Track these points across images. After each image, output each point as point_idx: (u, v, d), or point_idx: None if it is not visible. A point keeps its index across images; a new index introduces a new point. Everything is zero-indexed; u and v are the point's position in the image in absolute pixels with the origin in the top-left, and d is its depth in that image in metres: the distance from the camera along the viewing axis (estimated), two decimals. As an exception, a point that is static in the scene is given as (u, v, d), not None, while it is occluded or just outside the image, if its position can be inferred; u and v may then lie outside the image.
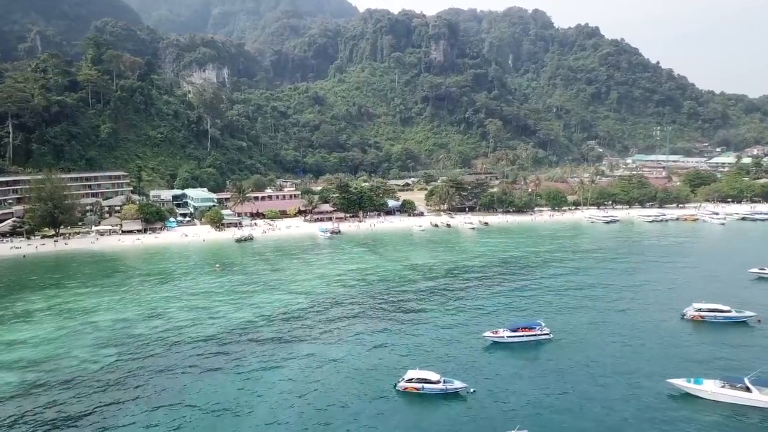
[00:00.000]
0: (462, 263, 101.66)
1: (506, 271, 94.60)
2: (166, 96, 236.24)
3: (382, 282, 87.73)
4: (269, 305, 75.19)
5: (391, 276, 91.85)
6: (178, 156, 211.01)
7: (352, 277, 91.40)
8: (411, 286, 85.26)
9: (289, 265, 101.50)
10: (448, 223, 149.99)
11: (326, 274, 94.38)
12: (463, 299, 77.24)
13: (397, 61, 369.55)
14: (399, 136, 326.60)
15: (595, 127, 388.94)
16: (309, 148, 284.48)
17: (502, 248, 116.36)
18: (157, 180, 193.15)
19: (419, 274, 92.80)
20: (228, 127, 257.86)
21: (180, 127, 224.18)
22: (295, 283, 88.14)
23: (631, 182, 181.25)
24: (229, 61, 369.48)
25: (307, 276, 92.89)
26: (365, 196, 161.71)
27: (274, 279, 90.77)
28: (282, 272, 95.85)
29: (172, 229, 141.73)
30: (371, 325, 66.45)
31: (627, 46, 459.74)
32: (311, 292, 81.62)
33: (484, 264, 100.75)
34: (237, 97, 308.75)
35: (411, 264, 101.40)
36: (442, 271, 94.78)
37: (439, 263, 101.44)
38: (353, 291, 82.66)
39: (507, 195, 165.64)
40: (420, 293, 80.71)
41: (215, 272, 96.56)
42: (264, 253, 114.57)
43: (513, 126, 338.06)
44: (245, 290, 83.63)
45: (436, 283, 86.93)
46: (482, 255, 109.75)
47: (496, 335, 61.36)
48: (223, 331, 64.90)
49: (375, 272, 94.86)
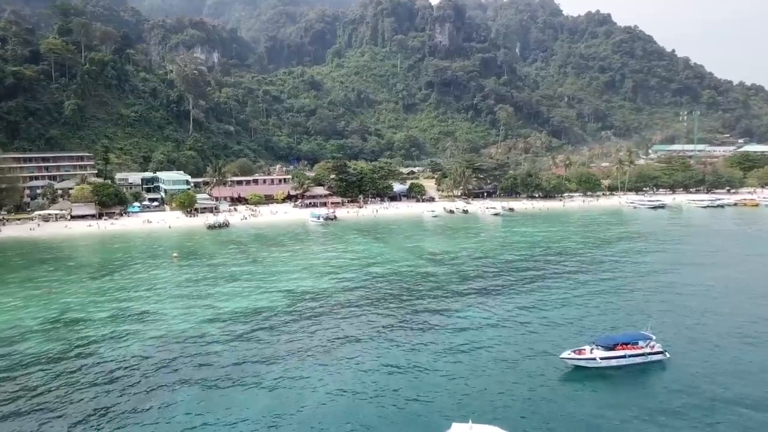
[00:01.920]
0: (494, 253, 77.93)
1: (559, 264, 70.72)
2: (144, 73, 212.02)
3: (391, 276, 63.99)
4: (231, 307, 51.62)
5: (403, 268, 68.23)
6: (154, 138, 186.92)
7: (350, 269, 67.76)
8: (432, 281, 61.57)
9: (268, 256, 77.85)
10: (464, 209, 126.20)
11: (315, 265, 70.73)
12: (510, 299, 53.50)
13: (400, 44, 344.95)
14: (402, 123, 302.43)
15: (610, 116, 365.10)
16: (304, 134, 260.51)
17: (543, 237, 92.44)
18: (129, 163, 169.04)
19: (441, 266, 69.16)
20: (214, 110, 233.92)
21: (158, 106, 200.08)
22: (272, 277, 64.53)
23: (672, 165, 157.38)
24: (220, 45, 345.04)
25: (289, 268, 69.29)
26: (366, 178, 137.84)
27: (246, 272, 67.17)
28: (258, 264, 72.22)
29: (135, 215, 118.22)
30: (380, 340, 42.78)
31: (641, 33, 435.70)
32: (293, 290, 57.95)
33: (526, 254, 76.83)
34: (227, 80, 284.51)
35: (428, 253, 77.80)
36: (470, 263, 71.09)
37: (463, 252, 77.82)
38: (351, 287, 58.96)
39: (532, 177, 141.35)
40: (446, 291, 56.98)
41: (172, 263, 73.18)
42: (240, 242, 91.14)
43: (524, 113, 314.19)
44: (203, 287, 59.96)
45: (465, 277, 63.22)
46: (518, 244, 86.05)
47: (581, 356, 37.91)
48: (150, 347, 41.32)
49: (381, 263, 71.23)
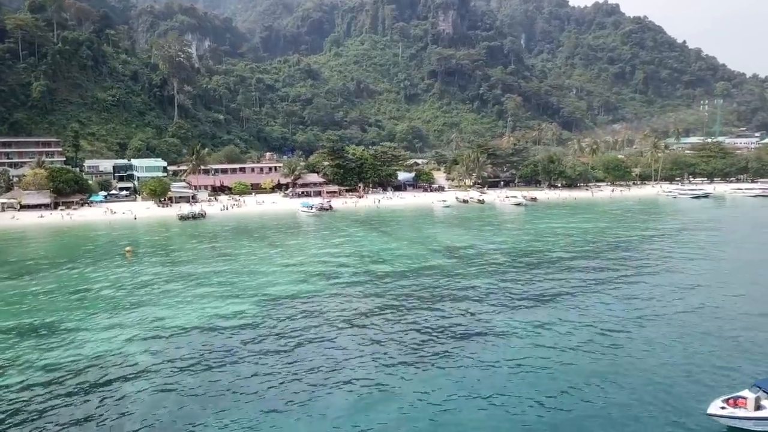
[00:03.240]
0: (532, 248, 61.48)
1: (626, 261, 54.29)
2: (125, 55, 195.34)
3: (402, 277, 47.53)
4: (178, 322, 35.25)
5: (414, 265, 51.82)
6: (133, 124, 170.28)
7: (346, 268, 51.39)
8: (458, 283, 45.04)
9: (244, 251, 61.47)
10: (480, 199, 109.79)
11: (302, 263, 54.39)
12: (583, 311, 36.94)
13: (401, 32, 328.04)
14: (404, 114, 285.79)
15: (621, 109, 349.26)
16: (299, 125, 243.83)
17: (583, 229, 76.06)
18: (103, 150, 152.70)
19: (464, 263, 52.76)
20: (203, 97, 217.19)
21: (139, 90, 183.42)
22: (245, 278, 48.10)
23: (710, 151, 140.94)
24: (212, 33, 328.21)
25: (269, 267, 52.92)
26: (367, 164, 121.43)
27: (213, 272, 50.78)
28: (230, 261, 55.81)
29: (99, 205, 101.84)
30: (394, 381, 26.25)
31: (651, 24, 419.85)
32: (270, 296, 41.54)
33: (573, 249, 60.57)
34: (218, 68, 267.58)
35: (445, 247, 61.40)
36: (504, 260, 54.71)
37: (490, 246, 61.46)
38: (349, 293, 42.47)
39: (555, 164, 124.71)
40: (484, 297, 40.50)
41: (126, 260, 56.92)
42: (214, 235, 74.89)
43: (533, 104, 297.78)
44: (150, 292, 43.50)
45: (503, 278, 46.71)
46: (555, 237, 69.69)
47: (740, 408, 21.75)
48: (43, 381, 24.90)
49: (387, 260, 54.84)
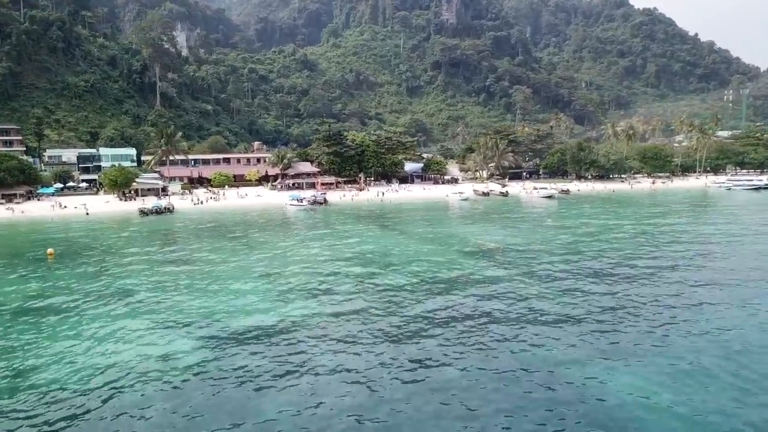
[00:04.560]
0: (590, 248, 44.58)
1: (732, 270, 37.65)
2: (103, 39, 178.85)
3: (422, 290, 30.46)
4: (76, 370, 18.37)
5: (441, 273, 34.73)
6: (109, 112, 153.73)
7: (344, 277, 34.48)
8: (507, 300, 28.03)
9: (209, 256, 44.80)
10: (503, 191, 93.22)
11: (284, 271, 37.53)
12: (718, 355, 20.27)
13: (403, 22, 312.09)
14: (406, 107, 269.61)
15: (633, 103, 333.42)
16: (294, 117, 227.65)
17: (641, 227, 59.62)
18: (72, 140, 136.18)
19: (509, 268, 35.70)
20: (189, 86, 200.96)
21: (117, 77, 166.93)
22: (200, 294, 31.20)
23: (756, 139, 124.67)
24: (203, 23, 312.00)
25: (239, 277, 35.91)
26: (369, 152, 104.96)
27: (159, 285, 33.99)
28: (186, 270, 38.91)
29: (46, 198, 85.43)
30: None
31: (661, 16, 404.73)
32: (231, 326, 24.54)
33: (657, 254, 43.91)
34: (208, 58, 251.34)
35: (475, 247, 44.40)
36: (559, 264, 37.79)
37: (538, 247, 44.60)
38: (347, 326, 25.60)
39: (586, 152, 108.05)
40: (549, 323, 23.64)
41: (48, 264, 40.33)
42: (177, 235, 58.43)
43: (542, 97, 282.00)
44: (56, 316, 26.71)
45: (569, 293, 29.69)
46: (616, 233, 53.15)
47: None
48: None
49: (398, 264, 37.87)
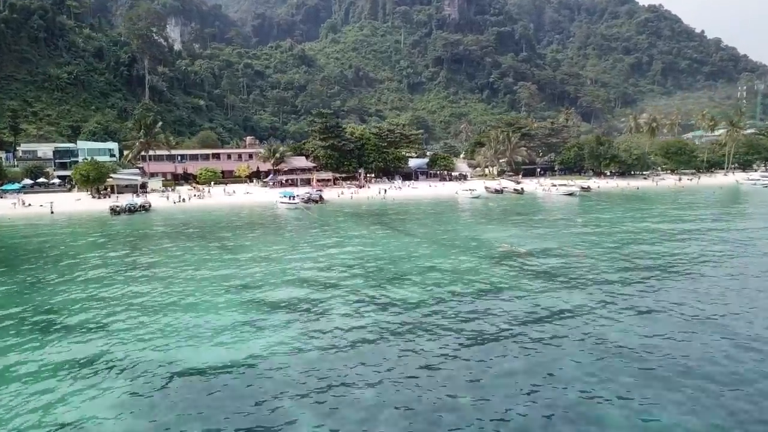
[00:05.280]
0: (638, 252, 35.72)
1: None
2: (89, 30, 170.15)
3: (443, 312, 21.79)
4: None
5: (465, 286, 25.96)
6: (93, 106, 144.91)
7: (341, 290, 25.71)
8: (557, 323, 19.42)
9: (184, 261, 35.93)
10: (517, 188, 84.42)
11: (266, 283, 28.71)
12: None
13: (403, 17, 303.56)
14: (407, 104, 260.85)
15: (639, 101, 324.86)
16: (291, 114, 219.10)
17: (685, 227, 50.89)
18: (53, 135, 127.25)
19: (548, 278, 26.98)
20: (182, 81, 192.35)
21: (103, 69, 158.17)
22: (158, 317, 22.38)
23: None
24: (198, 18, 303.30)
25: (210, 292, 27.05)
26: (369, 145, 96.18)
27: (106, 299, 25.15)
28: (150, 279, 30.07)
29: (10, 196, 76.56)
30: None
31: (667, 13, 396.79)
32: (192, 364, 15.87)
33: (722, 258, 35.12)
34: (202, 53, 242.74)
35: (500, 252, 35.58)
36: (608, 272, 29.02)
37: (565, 251, 35.77)
38: (345, 369, 16.82)
39: (605, 147, 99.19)
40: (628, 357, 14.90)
41: None
42: (147, 237, 49.55)
43: (547, 93, 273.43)
44: None
45: (636, 319, 21.09)
46: (661, 236, 44.36)
47: None
48: None
49: (408, 273, 28.91)
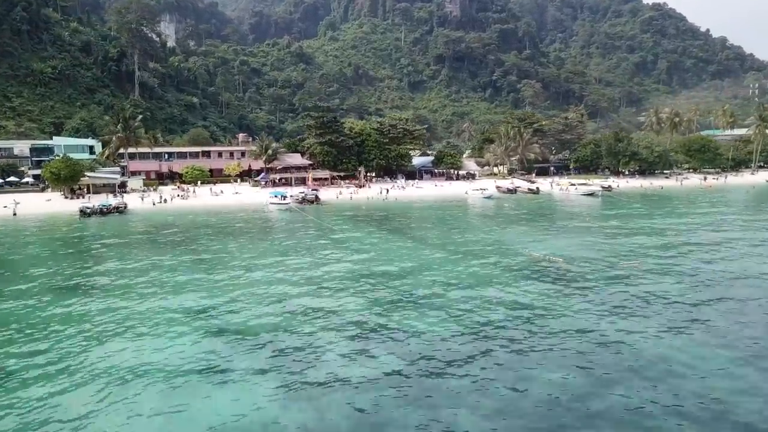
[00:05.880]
0: (715, 257, 28.65)
1: None
2: (77, 24, 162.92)
3: (472, 335, 14.71)
4: None
5: (500, 306, 18.86)
6: (78, 102, 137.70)
7: (341, 317, 18.49)
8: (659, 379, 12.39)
9: (147, 275, 28.68)
10: (531, 188, 77.11)
11: (241, 308, 21.43)
12: None
13: (404, 14, 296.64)
14: (407, 103, 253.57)
15: (645, 100, 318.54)
16: (289, 112, 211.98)
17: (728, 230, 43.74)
18: (34, 132, 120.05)
19: (616, 302, 19.87)
20: (174, 78, 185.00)
21: (90, 64, 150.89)
22: (87, 358, 15.28)
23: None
24: (194, 15, 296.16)
25: (167, 319, 19.89)
26: (370, 141, 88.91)
27: (30, 333, 17.93)
28: (98, 300, 22.83)
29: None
30: None
31: (672, 11, 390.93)
32: None
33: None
34: (196, 49, 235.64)
35: (535, 261, 28.41)
36: (672, 283, 21.89)
37: (632, 257, 28.55)
38: None
39: (624, 143, 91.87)
40: None
41: None
42: (118, 242, 42.40)
43: (551, 92, 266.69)
44: None
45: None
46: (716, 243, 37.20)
47: None
48: None
49: (423, 289, 21.74)
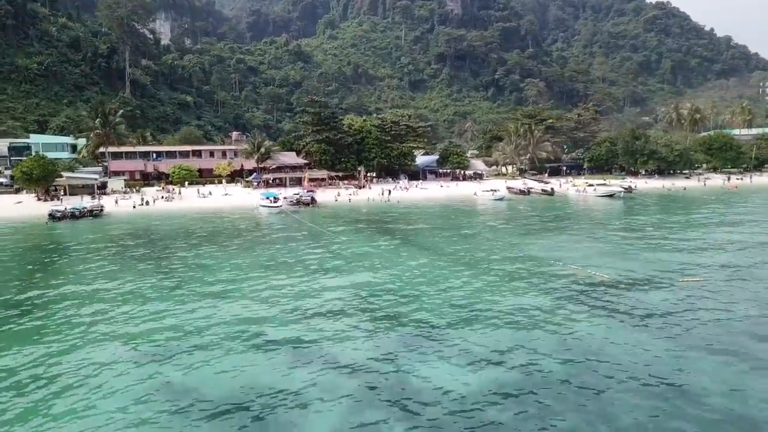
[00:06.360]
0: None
1: None
2: (65, 19, 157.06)
3: (526, 391, 8.89)
4: None
5: (548, 347, 13.07)
6: (65, 99, 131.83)
7: (334, 366, 12.62)
8: None
9: (99, 298, 22.79)
10: (545, 189, 71.22)
11: (206, 350, 15.54)
12: None
13: (404, 12, 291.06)
14: (408, 103, 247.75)
15: (650, 100, 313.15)
16: (286, 112, 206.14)
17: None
18: (17, 131, 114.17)
19: (697, 337, 14.05)
20: (168, 75, 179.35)
21: (79, 60, 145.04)
22: None
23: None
24: (190, 13, 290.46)
25: (123, 347, 14.10)
26: (370, 139, 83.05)
27: None
28: (41, 323, 16.95)
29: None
30: None
31: (675, 10, 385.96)
32: None
33: None
34: (192, 47, 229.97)
35: (574, 278, 22.58)
36: None
37: (691, 270, 22.72)
38: None
39: (642, 141, 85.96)
40: None
41: None
42: (84, 251, 36.47)
43: (555, 92, 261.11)
44: None
45: None
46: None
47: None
48: None
49: (443, 318, 15.95)
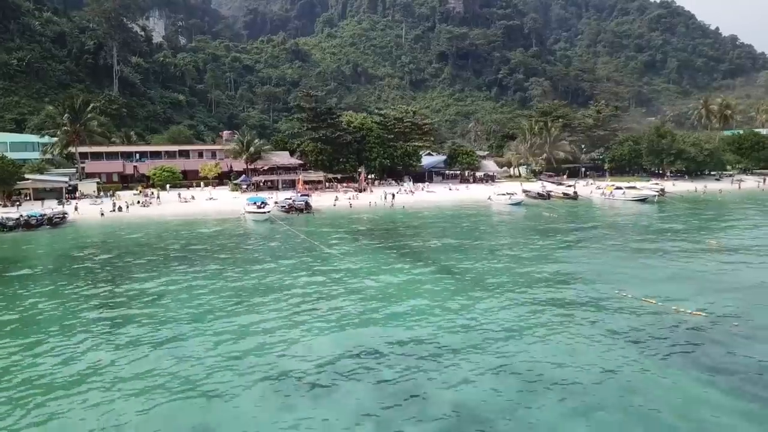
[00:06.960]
0: None
1: None
2: (49, 13, 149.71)
3: None
4: None
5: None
6: (47, 97, 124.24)
7: None
8: None
9: (21, 342, 15.11)
10: (568, 192, 63.76)
11: None
12: None
13: (404, 10, 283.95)
14: (409, 103, 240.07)
15: (656, 100, 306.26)
16: (283, 111, 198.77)
17: None
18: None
19: None
20: (159, 73, 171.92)
21: (63, 56, 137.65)
22: None
23: None
24: (186, 12, 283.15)
25: None
26: (372, 138, 75.55)
27: None
28: None
29: None
30: None
31: (680, 9, 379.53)
32: None
33: None
34: (185, 45, 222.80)
35: (663, 317, 15.18)
36: None
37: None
38: None
39: (668, 140, 78.66)
40: None
41: None
42: (18, 276, 28.65)
43: (560, 91, 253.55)
44: None
45: None
46: None
47: None
48: None
49: (512, 394, 8.58)
